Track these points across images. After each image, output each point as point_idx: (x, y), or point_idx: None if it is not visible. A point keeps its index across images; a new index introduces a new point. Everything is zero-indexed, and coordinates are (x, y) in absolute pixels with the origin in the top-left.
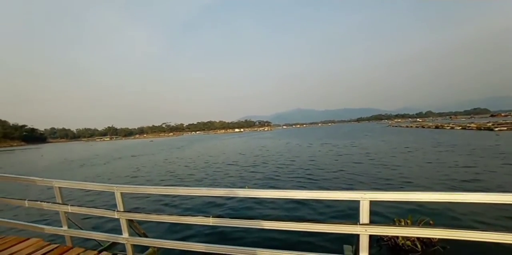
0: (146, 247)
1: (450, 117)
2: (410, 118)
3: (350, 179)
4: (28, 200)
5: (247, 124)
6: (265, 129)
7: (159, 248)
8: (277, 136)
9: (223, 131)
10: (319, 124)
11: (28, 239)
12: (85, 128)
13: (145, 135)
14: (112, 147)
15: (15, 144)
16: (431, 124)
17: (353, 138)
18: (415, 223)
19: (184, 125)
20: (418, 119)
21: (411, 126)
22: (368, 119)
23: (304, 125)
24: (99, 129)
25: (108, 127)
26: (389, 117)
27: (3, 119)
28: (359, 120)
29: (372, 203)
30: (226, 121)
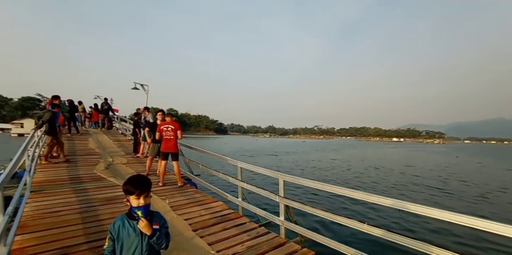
0: (295, 234)
1: None
2: None
3: None
4: (222, 173)
5: (409, 133)
6: (435, 142)
7: (306, 239)
8: (454, 152)
9: (378, 138)
10: None
11: (217, 201)
12: (252, 125)
13: (297, 135)
14: (272, 143)
15: (210, 133)
16: None
17: None
18: None
19: (335, 129)
20: None
21: None
22: None
23: (506, 142)
24: (262, 127)
25: (269, 126)
26: None
27: (206, 115)
28: None
29: None
30: (382, 128)
